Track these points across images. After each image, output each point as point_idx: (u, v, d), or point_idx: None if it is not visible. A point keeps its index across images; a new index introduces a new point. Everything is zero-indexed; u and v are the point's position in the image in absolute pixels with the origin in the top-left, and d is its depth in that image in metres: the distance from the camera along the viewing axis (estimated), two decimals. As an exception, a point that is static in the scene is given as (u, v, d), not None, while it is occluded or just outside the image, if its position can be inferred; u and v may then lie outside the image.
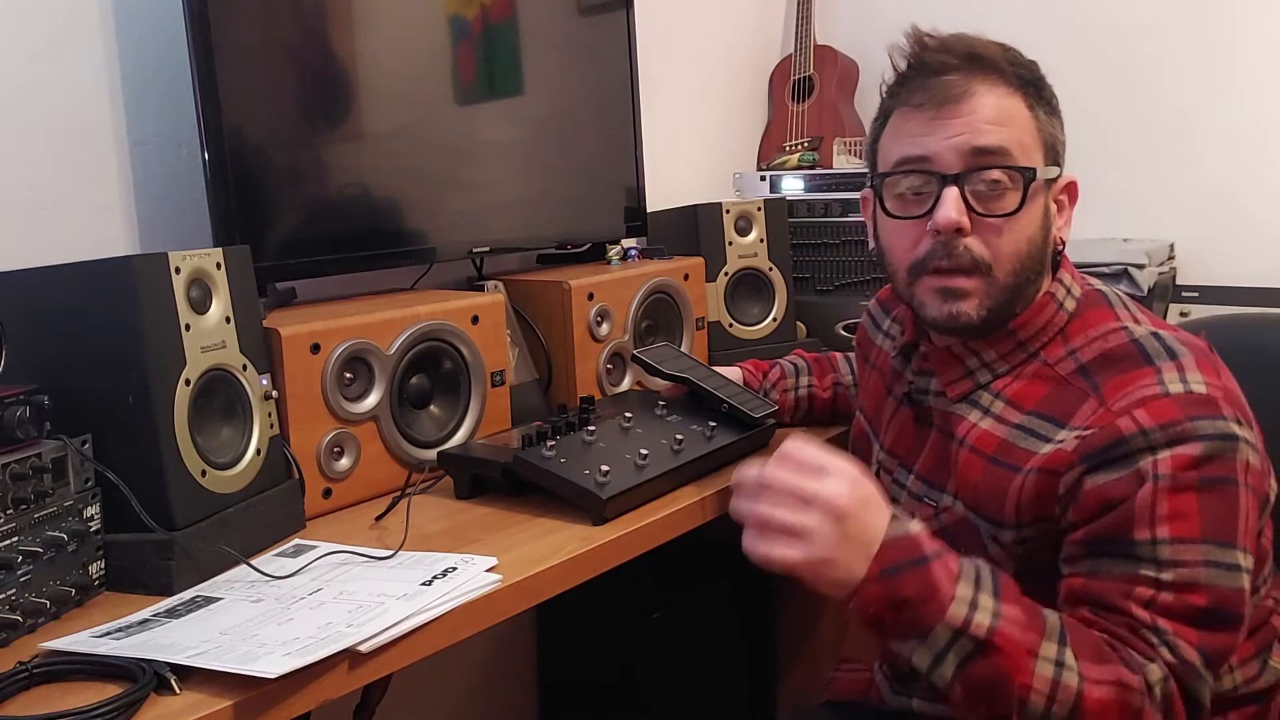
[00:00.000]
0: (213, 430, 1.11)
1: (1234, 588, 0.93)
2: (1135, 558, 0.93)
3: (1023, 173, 1.03)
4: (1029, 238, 1.05)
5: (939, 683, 0.89)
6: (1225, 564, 0.93)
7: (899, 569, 0.89)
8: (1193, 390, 0.96)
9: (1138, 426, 0.95)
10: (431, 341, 1.36)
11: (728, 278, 1.85)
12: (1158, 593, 0.92)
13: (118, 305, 1.02)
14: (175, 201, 1.43)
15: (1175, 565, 0.92)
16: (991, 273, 1.04)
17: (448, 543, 1.12)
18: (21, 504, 0.94)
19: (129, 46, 1.39)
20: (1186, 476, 0.93)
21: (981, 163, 1.03)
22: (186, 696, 0.82)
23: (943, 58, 1.06)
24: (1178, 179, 2.15)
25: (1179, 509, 0.92)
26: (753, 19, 2.51)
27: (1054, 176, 1.09)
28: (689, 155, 2.29)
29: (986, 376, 1.09)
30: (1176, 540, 0.92)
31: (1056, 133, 1.09)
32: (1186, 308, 2.02)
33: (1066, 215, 1.11)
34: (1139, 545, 0.93)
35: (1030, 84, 1.07)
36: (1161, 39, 2.14)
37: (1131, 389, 0.98)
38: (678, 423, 1.38)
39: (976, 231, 1.04)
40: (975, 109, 1.03)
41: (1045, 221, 1.07)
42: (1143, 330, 1.04)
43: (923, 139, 1.05)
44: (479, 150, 1.61)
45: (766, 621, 1.99)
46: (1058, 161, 1.09)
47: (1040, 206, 1.07)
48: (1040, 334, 1.08)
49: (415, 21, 1.51)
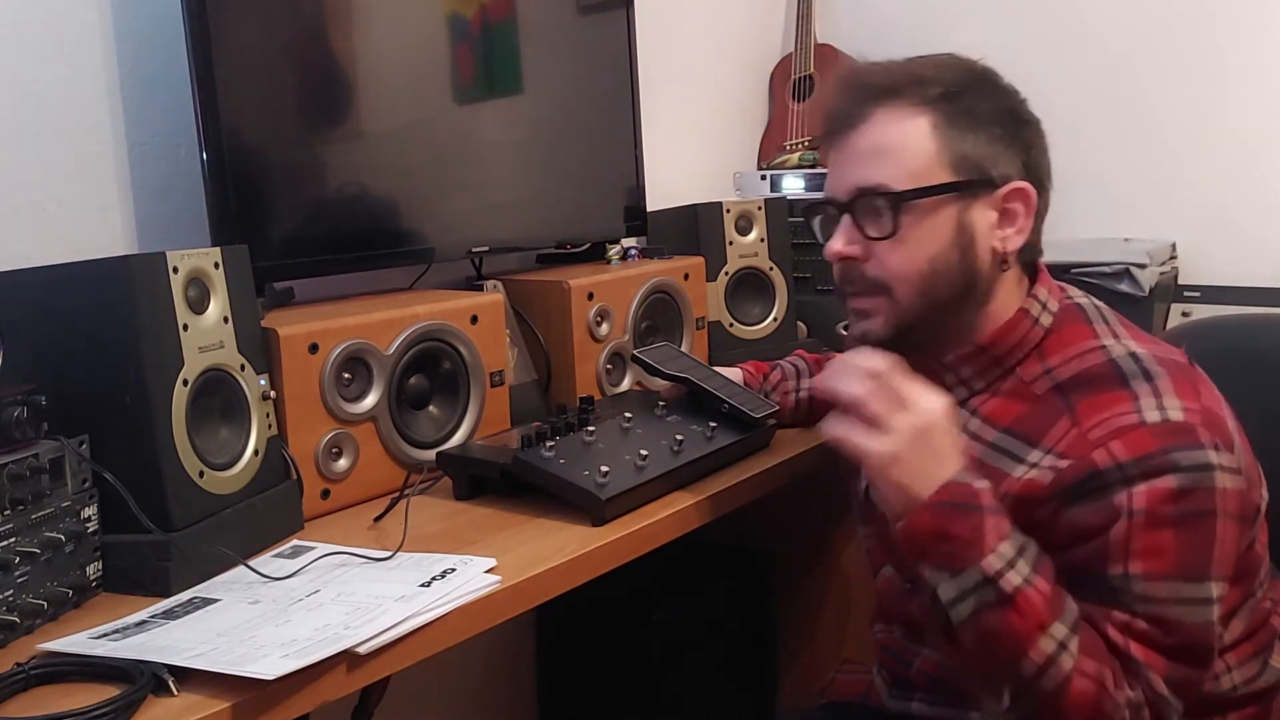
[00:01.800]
0: (211, 431, 1.11)
1: (1201, 622, 0.95)
2: (1110, 589, 0.95)
3: (889, 198, 1.04)
4: (929, 257, 1.05)
5: (955, 618, 0.93)
6: (1195, 599, 0.94)
7: (955, 506, 0.93)
8: (1170, 419, 0.96)
9: (1113, 460, 0.95)
10: (430, 342, 1.36)
11: (728, 277, 1.85)
12: (1132, 619, 0.94)
13: (115, 305, 1.02)
14: (174, 202, 1.42)
15: (1146, 601, 0.94)
16: (891, 293, 1.07)
17: (447, 544, 1.12)
18: (19, 505, 0.93)
19: (128, 47, 1.38)
20: (1163, 511, 0.94)
21: (861, 193, 1.06)
22: (184, 698, 0.82)
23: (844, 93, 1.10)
24: (1180, 178, 2.15)
25: (1153, 545, 0.94)
26: (753, 19, 2.51)
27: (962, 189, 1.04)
28: (689, 155, 2.29)
29: (964, 393, 1.10)
30: (1148, 577, 0.94)
31: (979, 145, 1.05)
32: (1188, 307, 2.01)
33: (1020, 223, 1.06)
34: (1112, 579, 0.95)
35: (941, 99, 1.05)
36: (1163, 39, 2.14)
37: (1108, 416, 0.97)
38: (678, 423, 1.37)
39: (874, 254, 1.07)
40: (862, 140, 1.07)
41: (961, 236, 1.05)
42: (1120, 349, 1.03)
43: (828, 178, 1.12)
44: (478, 150, 1.61)
45: (766, 621, 1.98)
46: (983, 173, 1.05)
47: (945, 224, 1.05)
48: (1015, 350, 1.07)
49: (414, 21, 1.51)
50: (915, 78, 1.06)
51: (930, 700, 1.16)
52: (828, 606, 1.94)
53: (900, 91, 1.06)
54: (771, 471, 1.39)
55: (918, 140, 1.05)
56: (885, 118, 1.06)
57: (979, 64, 1.10)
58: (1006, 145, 1.06)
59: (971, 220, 1.06)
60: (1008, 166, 1.06)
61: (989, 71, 1.10)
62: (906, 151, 1.05)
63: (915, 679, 1.17)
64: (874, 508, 1.20)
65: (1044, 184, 1.09)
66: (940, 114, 1.05)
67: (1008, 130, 1.07)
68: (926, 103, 1.05)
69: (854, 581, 1.90)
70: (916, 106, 1.05)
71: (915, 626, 1.17)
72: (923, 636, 1.17)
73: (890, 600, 1.21)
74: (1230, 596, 1.02)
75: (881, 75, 1.08)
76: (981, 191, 1.06)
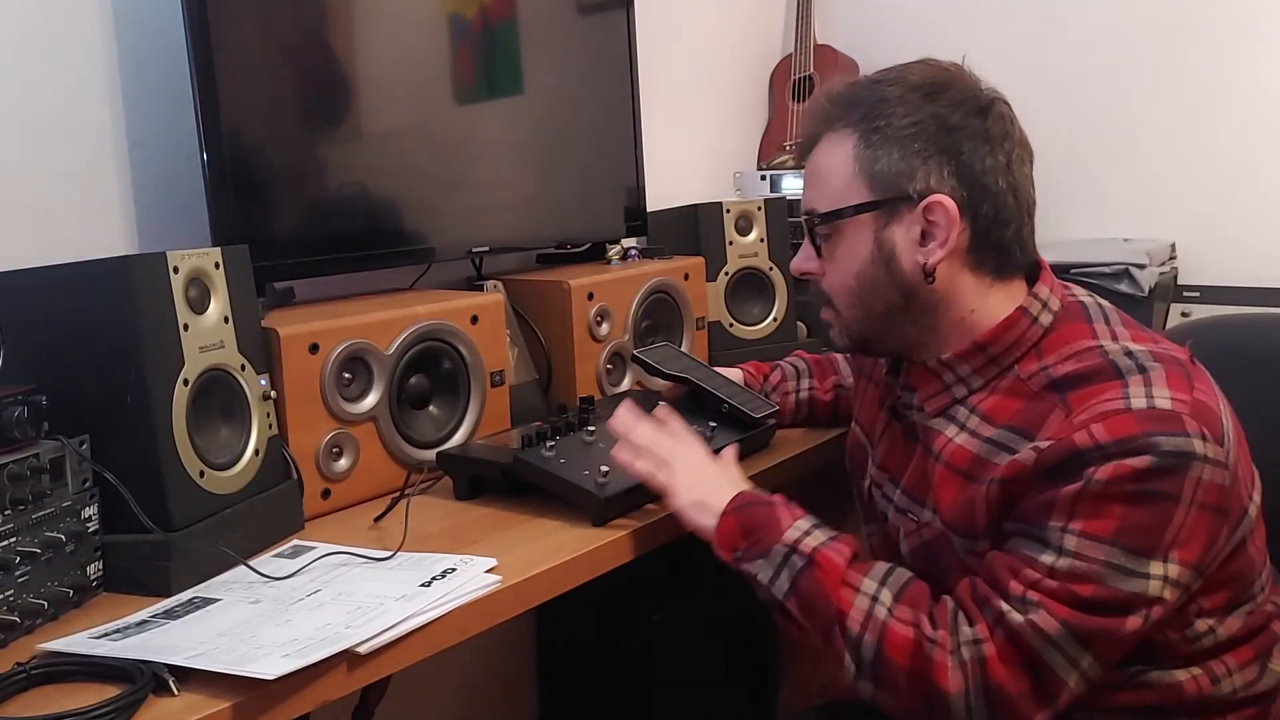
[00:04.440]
0: (211, 431, 1.11)
1: (1131, 592, 0.94)
2: (1042, 540, 0.96)
3: (806, 220, 1.13)
4: (855, 273, 1.10)
5: (778, 595, 1.05)
6: (1128, 569, 0.93)
7: (751, 505, 1.10)
8: (1156, 406, 0.96)
9: (1093, 440, 0.95)
10: (431, 341, 1.36)
11: (728, 277, 1.85)
12: (1044, 577, 0.95)
13: (116, 305, 1.02)
14: (174, 202, 1.42)
15: (1074, 556, 0.94)
16: (835, 306, 1.15)
17: (447, 543, 1.12)
18: (19, 505, 0.93)
19: (128, 47, 1.39)
20: (1122, 487, 0.93)
21: (805, 216, 1.14)
22: (185, 698, 0.82)
23: (801, 126, 1.19)
24: (1179, 179, 2.15)
25: (1100, 510, 0.94)
26: (753, 19, 2.51)
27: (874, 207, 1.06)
28: (689, 155, 2.29)
29: (962, 391, 1.10)
30: (1085, 535, 0.94)
31: (894, 162, 1.05)
32: (1188, 307, 2.02)
33: (942, 236, 1.05)
34: (1050, 530, 0.96)
35: (863, 119, 1.07)
36: (1163, 39, 2.14)
37: (1094, 402, 0.98)
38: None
39: (824, 271, 1.15)
40: (808, 167, 1.15)
41: (880, 253, 1.08)
42: (1117, 347, 1.03)
43: None
44: (478, 150, 1.61)
45: (766, 621, 1.97)
46: (897, 189, 1.06)
47: (862, 243, 1.09)
48: (1013, 349, 1.07)
49: (414, 21, 1.51)
50: (853, 100, 1.09)
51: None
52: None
53: (840, 116, 1.10)
54: (771, 471, 1.39)
55: (840, 163, 1.09)
56: (825, 144, 1.11)
57: (942, 70, 1.09)
58: (926, 158, 1.05)
59: (891, 237, 1.07)
60: (928, 179, 1.05)
61: (943, 78, 1.08)
62: (831, 175, 1.10)
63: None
64: (875, 506, 1.21)
65: (986, 186, 1.05)
66: (859, 134, 1.08)
67: (929, 142, 1.05)
68: (852, 125, 1.08)
69: (854, 581, 1.90)
70: (847, 129, 1.09)
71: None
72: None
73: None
74: (1216, 597, 1.02)
75: (834, 100, 1.12)
76: (901, 208, 1.07)
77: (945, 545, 1.07)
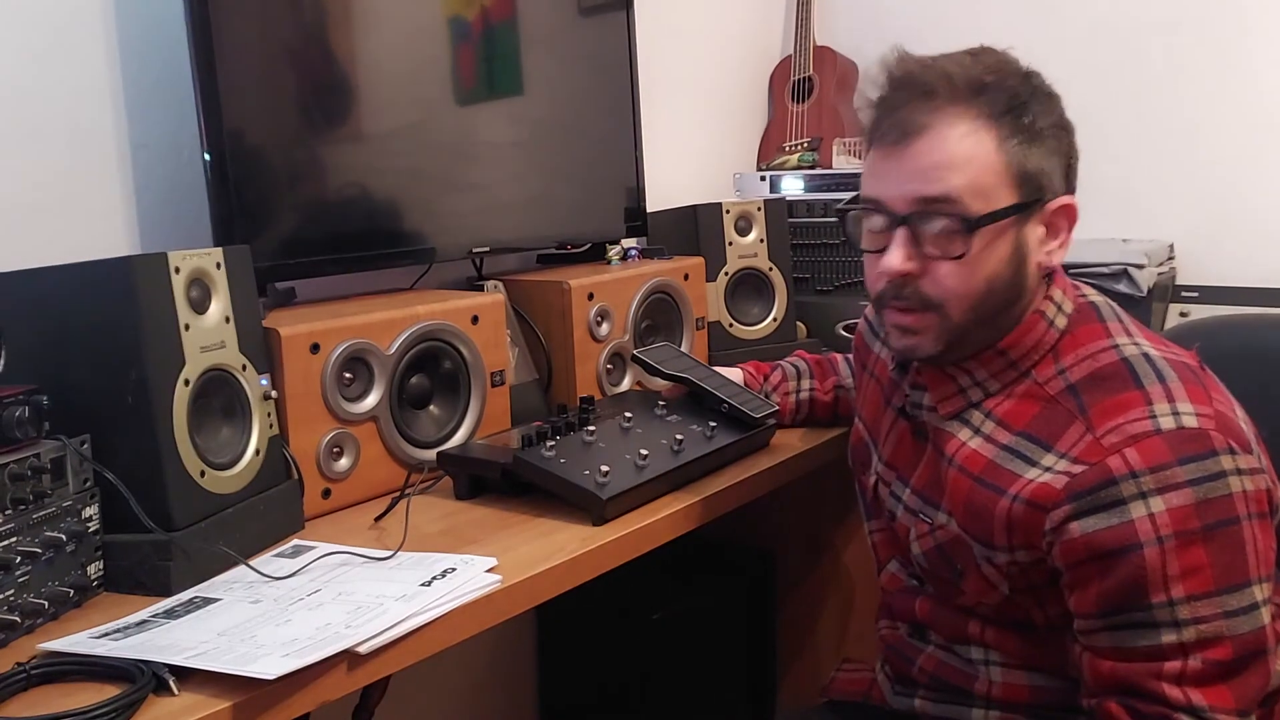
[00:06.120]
0: (212, 430, 1.11)
1: (1254, 629, 0.94)
2: (1155, 624, 0.94)
3: (965, 221, 1.00)
4: (987, 277, 1.02)
5: None
6: (1242, 608, 0.93)
7: None
8: (1184, 425, 0.95)
9: (1128, 468, 0.94)
10: (431, 341, 1.36)
11: (728, 278, 1.85)
12: (1185, 662, 0.93)
13: (117, 305, 1.02)
14: (176, 203, 1.42)
15: (1196, 623, 0.93)
16: (944, 311, 1.03)
17: (447, 543, 1.12)
18: (20, 504, 0.94)
19: (130, 48, 1.39)
20: (1189, 528, 0.93)
21: (928, 210, 1.01)
22: (185, 697, 0.82)
23: (903, 94, 1.03)
24: (1178, 179, 2.15)
25: (1189, 565, 0.93)
26: (752, 19, 2.51)
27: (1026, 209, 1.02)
28: (689, 155, 2.29)
29: (978, 395, 1.08)
30: (1192, 598, 0.93)
31: (1039, 161, 1.02)
32: (1186, 308, 2.01)
33: (1063, 238, 1.05)
34: (1156, 609, 0.93)
35: (1008, 112, 1.01)
36: (1163, 38, 2.14)
37: (1122, 421, 0.97)
38: (678, 423, 1.38)
39: (929, 272, 1.03)
40: (928, 150, 1.01)
41: (1016, 255, 1.03)
42: (1132, 348, 1.03)
43: (879, 180, 1.05)
44: (479, 150, 1.61)
45: (766, 621, 1.99)
46: (1041, 190, 1.02)
47: (1005, 244, 1.02)
48: (1031, 353, 1.06)
49: (415, 22, 1.51)
50: (977, 84, 1.01)
51: (933, 697, 1.16)
52: (828, 605, 1.95)
53: (964, 99, 1.01)
54: (771, 471, 1.39)
55: (985, 156, 1.00)
56: (949, 128, 1.00)
57: (1027, 67, 1.05)
58: (1059, 158, 1.04)
59: (1025, 238, 1.03)
60: (1057, 180, 1.04)
61: (1039, 76, 1.06)
62: (973, 167, 1.00)
63: (918, 676, 1.17)
64: (882, 503, 1.21)
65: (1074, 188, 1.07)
66: (1007, 128, 1.01)
67: (1062, 142, 1.04)
68: (994, 115, 1.00)
69: (854, 580, 1.90)
70: (983, 118, 1.00)
71: (919, 622, 1.17)
72: (926, 633, 1.17)
73: (895, 596, 1.21)
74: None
75: (939, 78, 1.02)
76: (1036, 208, 1.03)
77: (962, 548, 1.07)
